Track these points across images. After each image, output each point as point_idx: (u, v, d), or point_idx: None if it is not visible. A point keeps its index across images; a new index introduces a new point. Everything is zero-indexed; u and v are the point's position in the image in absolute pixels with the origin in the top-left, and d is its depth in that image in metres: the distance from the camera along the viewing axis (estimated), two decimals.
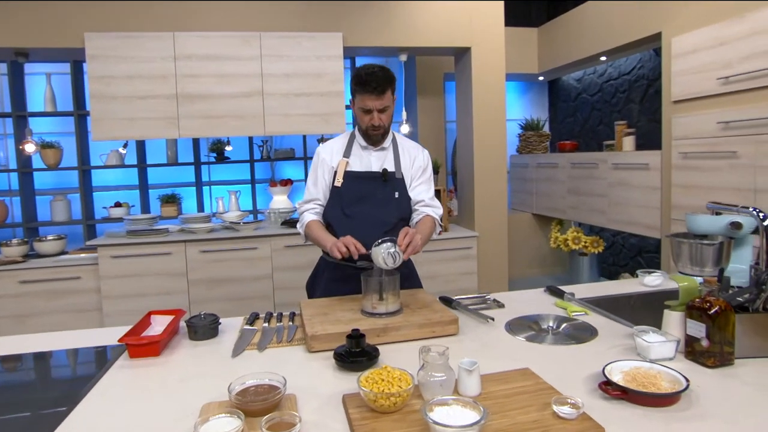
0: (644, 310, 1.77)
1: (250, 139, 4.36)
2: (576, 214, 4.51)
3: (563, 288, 1.86)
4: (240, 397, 1.02)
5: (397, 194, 1.86)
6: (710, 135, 2.97)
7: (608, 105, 4.81)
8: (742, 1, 2.78)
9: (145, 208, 4.27)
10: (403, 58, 3.95)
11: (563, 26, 4.68)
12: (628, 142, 4.00)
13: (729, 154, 2.86)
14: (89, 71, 3.28)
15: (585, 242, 4.57)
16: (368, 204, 1.83)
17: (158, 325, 1.60)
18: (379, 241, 1.54)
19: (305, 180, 4.59)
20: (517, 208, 5.56)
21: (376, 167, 1.86)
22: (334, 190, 1.85)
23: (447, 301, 1.74)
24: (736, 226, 1.83)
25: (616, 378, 1.10)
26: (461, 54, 4.04)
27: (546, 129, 5.59)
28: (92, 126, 3.32)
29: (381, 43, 3.70)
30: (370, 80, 1.71)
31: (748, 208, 1.43)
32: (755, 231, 1.89)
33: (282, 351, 1.41)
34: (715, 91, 2.93)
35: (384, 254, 1.51)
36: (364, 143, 1.88)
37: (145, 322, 1.57)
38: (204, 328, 1.52)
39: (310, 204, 1.91)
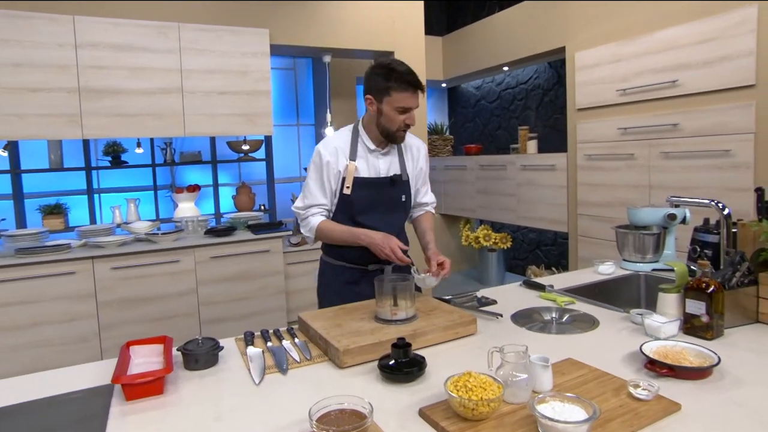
0: (605, 295, 1.96)
1: (152, 141, 3.92)
2: (486, 213, 4.83)
3: (528, 277, 2.00)
4: (324, 427, 0.92)
5: (403, 197, 1.84)
6: (611, 139, 3.41)
7: (507, 111, 5.24)
8: (645, 3, 3.24)
9: (21, 221, 3.59)
10: (327, 59, 3.88)
11: (469, 36, 4.99)
12: (532, 145, 4.41)
13: (627, 156, 3.31)
14: None
15: (495, 239, 4.93)
16: (378, 210, 1.79)
17: (139, 357, 1.37)
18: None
19: (213, 185, 4.33)
20: None
21: (384, 172, 1.80)
22: (342, 198, 1.76)
23: (444, 302, 1.75)
24: (672, 217, 2.13)
25: None
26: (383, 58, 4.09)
27: (447, 133, 5.92)
28: None
29: (307, 42, 3.59)
30: (411, 78, 1.63)
31: (705, 200, 1.67)
32: (682, 221, 2.22)
33: (306, 370, 1.30)
34: (614, 101, 3.37)
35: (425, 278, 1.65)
36: (372, 146, 1.77)
37: (125, 356, 1.33)
38: (206, 355, 1.33)
39: (316, 208, 1.78)
